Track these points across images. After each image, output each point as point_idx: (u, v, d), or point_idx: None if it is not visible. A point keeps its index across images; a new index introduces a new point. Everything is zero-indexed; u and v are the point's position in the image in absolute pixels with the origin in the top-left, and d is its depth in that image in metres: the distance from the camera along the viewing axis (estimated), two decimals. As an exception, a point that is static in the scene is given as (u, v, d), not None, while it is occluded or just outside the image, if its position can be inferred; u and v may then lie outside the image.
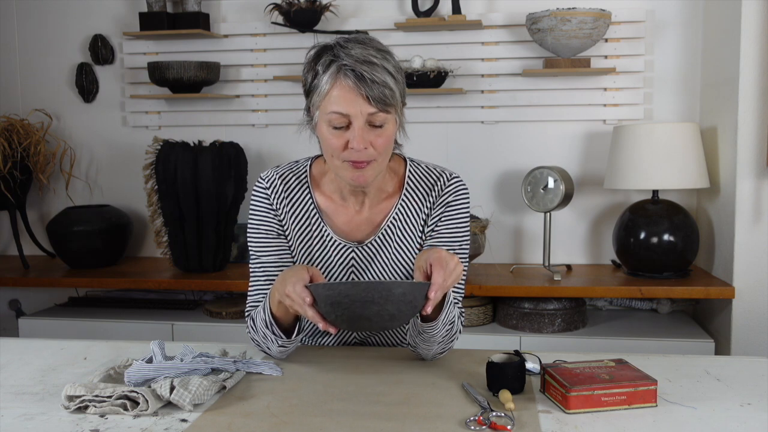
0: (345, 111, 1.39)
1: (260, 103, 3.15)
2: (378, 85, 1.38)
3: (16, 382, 1.44)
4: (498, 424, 1.18)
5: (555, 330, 2.64)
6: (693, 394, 1.33)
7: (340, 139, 1.42)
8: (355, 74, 1.37)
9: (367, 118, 1.40)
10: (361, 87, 1.37)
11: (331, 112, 1.40)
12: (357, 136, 1.40)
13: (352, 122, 1.40)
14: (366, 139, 1.41)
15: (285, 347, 1.50)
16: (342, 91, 1.39)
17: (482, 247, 2.80)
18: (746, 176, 2.46)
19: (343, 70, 1.38)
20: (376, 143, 1.42)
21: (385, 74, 1.39)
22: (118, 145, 3.29)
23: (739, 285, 2.49)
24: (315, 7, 2.93)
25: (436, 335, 1.43)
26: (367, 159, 1.42)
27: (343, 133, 1.41)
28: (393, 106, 1.42)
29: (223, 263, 2.97)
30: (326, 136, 1.43)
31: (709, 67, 2.78)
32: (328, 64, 1.40)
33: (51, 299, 3.31)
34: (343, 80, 1.38)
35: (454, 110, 3.03)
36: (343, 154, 1.42)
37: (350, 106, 1.39)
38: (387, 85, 1.39)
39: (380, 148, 1.43)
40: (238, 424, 1.21)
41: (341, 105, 1.39)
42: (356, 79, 1.37)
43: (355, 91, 1.38)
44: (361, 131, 1.40)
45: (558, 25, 2.70)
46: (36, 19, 3.28)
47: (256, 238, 1.57)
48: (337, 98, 1.39)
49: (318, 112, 1.44)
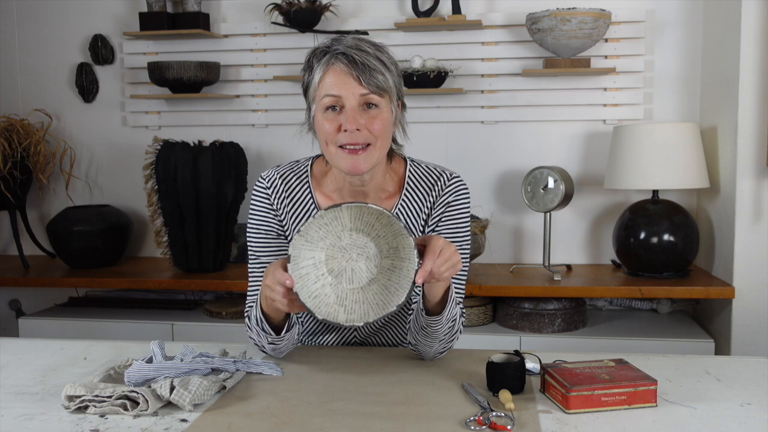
0: (337, 92, 1.41)
1: (260, 103, 3.15)
2: (369, 68, 1.41)
3: (16, 382, 1.44)
4: (498, 424, 1.18)
5: (555, 330, 2.64)
6: (693, 394, 1.33)
7: (333, 122, 1.43)
8: (347, 57, 1.41)
9: (360, 99, 1.41)
10: (352, 69, 1.40)
11: (325, 96, 1.42)
12: (349, 117, 1.41)
13: (344, 104, 1.42)
14: (359, 122, 1.41)
15: (275, 344, 1.49)
16: (334, 75, 1.41)
17: (482, 247, 2.80)
18: (746, 176, 2.46)
19: (336, 55, 1.41)
20: (370, 126, 1.42)
21: (377, 62, 1.42)
22: (118, 145, 3.29)
23: (739, 285, 2.49)
24: (315, 7, 2.93)
25: (440, 330, 1.43)
26: (362, 141, 1.42)
27: (336, 116, 1.43)
28: (386, 91, 1.43)
29: (223, 263, 2.97)
30: (320, 122, 1.44)
31: (709, 67, 2.78)
32: (321, 55, 1.44)
33: (51, 299, 3.31)
34: (335, 64, 1.41)
35: (454, 110, 3.03)
36: (337, 137, 1.43)
37: (342, 88, 1.41)
38: (378, 69, 1.42)
39: (375, 132, 1.43)
40: (238, 424, 1.21)
41: (333, 88, 1.41)
42: (348, 62, 1.40)
43: (346, 73, 1.40)
44: (354, 112, 1.41)
45: (558, 25, 2.70)
46: (36, 19, 3.28)
47: (255, 237, 1.57)
48: (329, 83, 1.41)
49: (314, 105, 1.46)
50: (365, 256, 1.33)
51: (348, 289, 1.33)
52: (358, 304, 1.32)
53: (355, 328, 1.61)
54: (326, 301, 1.31)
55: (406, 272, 1.29)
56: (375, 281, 1.33)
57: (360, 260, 1.33)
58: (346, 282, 1.33)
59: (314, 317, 1.38)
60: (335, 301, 1.32)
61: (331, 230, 1.31)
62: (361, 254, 1.33)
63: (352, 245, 1.32)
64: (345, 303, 1.32)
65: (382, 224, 1.30)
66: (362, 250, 1.33)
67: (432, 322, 1.41)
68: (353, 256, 1.33)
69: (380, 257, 1.33)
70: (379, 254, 1.33)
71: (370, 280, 1.33)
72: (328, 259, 1.33)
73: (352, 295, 1.32)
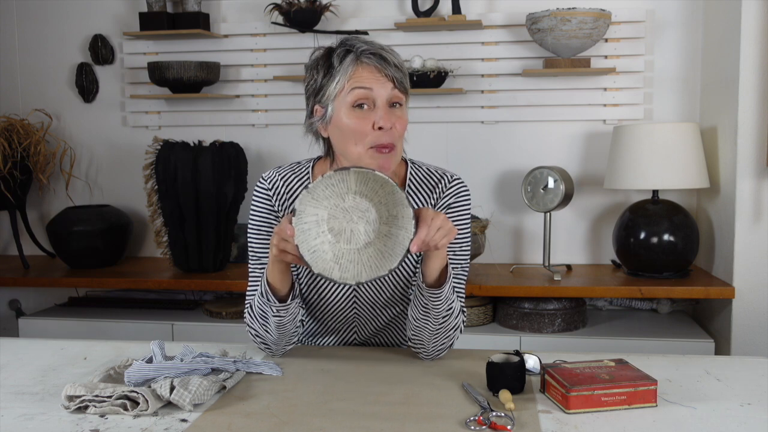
0: (369, 85, 1.42)
1: (260, 103, 3.15)
2: (397, 67, 1.44)
3: (16, 382, 1.44)
4: (498, 424, 1.18)
5: (555, 330, 2.64)
6: (693, 394, 1.33)
7: (364, 120, 1.43)
8: (377, 57, 1.43)
9: (389, 98, 1.44)
10: (384, 68, 1.42)
11: (355, 88, 1.42)
12: (384, 114, 1.42)
13: (376, 101, 1.42)
14: (391, 119, 1.43)
15: (280, 317, 1.46)
16: (366, 72, 1.42)
17: (482, 247, 2.81)
18: (746, 176, 2.46)
19: (364, 54, 1.43)
20: (396, 125, 1.44)
21: (398, 62, 1.46)
22: (118, 145, 3.29)
23: (739, 285, 2.49)
24: (315, 7, 2.93)
25: (440, 308, 1.43)
26: (392, 141, 1.44)
27: (367, 114, 1.43)
28: (407, 92, 1.48)
29: (223, 263, 2.97)
30: (348, 121, 1.43)
31: (709, 67, 2.78)
32: (344, 55, 1.44)
33: (51, 299, 3.31)
34: (367, 62, 1.43)
35: (454, 110, 3.03)
36: (369, 138, 1.43)
37: (375, 83, 1.42)
38: (402, 69, 1.45)
39: (400, 132, 1.45)
40: (238, 424, 1.21)
41: (366, 81, 1.42)
42: (378, 60, 1.43)
43: (379, 72, 1.42)
44: (386, 109, 1.43)
45: (558, 25, 2.70)
46: (36, 19, 3.28)
47: (256, 238, 1.57)
48: (360, 78, 1.42)
49: (333, 105, 1.45)
50: (365, 219, 1.36)
51: (345, 249, 1.36)
52: (353, 264, 1.35)
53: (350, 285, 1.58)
54: (323, 257, 1.35)
55: (401, 240, 1.33)
56: (371, 245, 1.36)
57: (360, 223, 1.36)
58: (344, 242, 1.36)
59: (310, 271, 1.43)
60: (332, 258, 1.35)
61: (337, 191, 1.34)
62: (361, 217, 1.36)
63: (354, 208, 1.36)
64: (341, 261, 1.35)
65: (385, 192, 1.33)
66: (363, 214, 1.36)
67: (432, 297, 1.41)
68: (354, 218, 1.36)
69: (379, 223, 1.36)
70: (378, 219, 1.36)
71: (366, 243, 1.36)
72: (330, 218, 1.36)
73: (348, 255, 1.36)
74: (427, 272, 1.40)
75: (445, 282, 1.41)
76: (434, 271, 1.40)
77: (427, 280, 1.41)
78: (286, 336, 1.52)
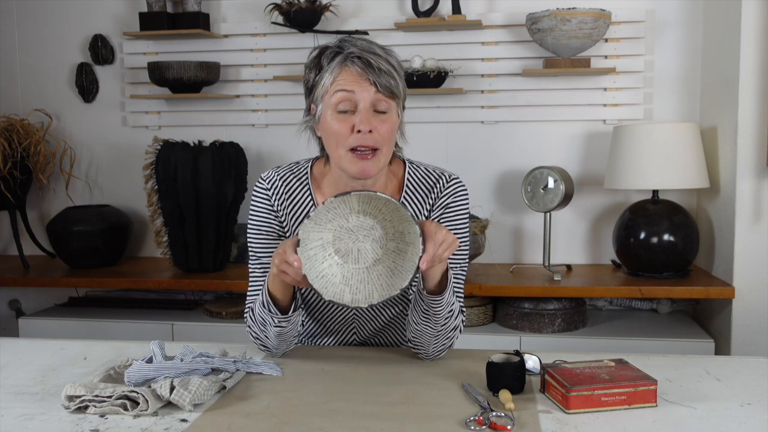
0: (351, 88, 1.41)
1: (260, 103, 3.15)
2: (384, 72, 1.42)
3: (16, 382, 1.44)
4: (498, 424, 1.18)
5: (555, 330, 2.64)
6: (693, 394, 1.33)
7: (345, 123, 1.43)
8: (362, 61, 1.41)
9: (373, 102, 1.42)
10: (368, 72, 1.41)
11: (338, 91, 1.42)
12: (363, 117, 1.41)
13: (357, 104, 1.42)
14: (372, 123, 1.42)
15: (281, 327, 1.46)
16: (349, 75, 1.42)
17: (482, 247, 2.80)
18: (746, 176, 2.46)
19: (350, 57, 1.42)
20: (380, 130, 1.43)
21: (389, 66, 1.44)
22: (118, 145, 3.29)
23: (739, 285, 2.48)
24: (315, 7, 2.93)
25: (440, 313, 1.43)
26: (373, 144, 1.43)
27: (348, 117, 1.43)
28: (396, 96, 1.45)
29: (223, 263, 2.97)
30: (330, 123, 1.44)
31: (709, 67, 2.78)
32: (333, 56, 1.44)
33: (51, 299, 3.31)
34: (350, 66, 1.42)
35: (454, 110, 3.03)
36: (348, 140, 1.43)
37: (357, 86, 1.41)
38: (391, 74, 1.43)
39: (384, 135, 1.44)
40: (238, 424, 1.21)
41: (348, 84, 1.41)
42: (363, 65, 1.41)
43: (362, 76, 1.41)
44: (367, 113, 1.42)
45: (558, 25, 2.70)
46: (36, 19, 3.28)
47: (256, 238, 1.57)
48: (343, 81, 1.42)
49: (322, 104, 1.45)
50: (371, 237, 1.36)
51: (354, 269, 1.36)
52: (363, 284, 1.35)
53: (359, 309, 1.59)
54: (332, 280, 1.35)
55: (410, 257, 1.32)
56: (380, 262, 1.36)
57: (366, 241, 1.36)
58: (352, 262, 1.36)
59: (321, 298, 1.42)
60: (341, 280, 1.35)
61: (340, 213, 1.34)
62: (367, 236, 1.36)
63: (359, 227, 1.36)
64: (351, 283, 1.35)
65: (389, 209, 1.33)
66: (369, 232, 1.36)
67: (433, 303, 1.41)
68: (359, 237, 1.36)
69: (386, 239, 1.36)
70: (384, 236, 1.36)
71: (375, 260, 1.36)
72: (336, 240, 1.36)
73: (357, 274, 1.36)
74: (428, 279, 1.40)
75: (446, 288, 1.40)
76: (435, 278, 1.39)
77: (428, 287, 1.41)
78: (286, 342, 1.53)
